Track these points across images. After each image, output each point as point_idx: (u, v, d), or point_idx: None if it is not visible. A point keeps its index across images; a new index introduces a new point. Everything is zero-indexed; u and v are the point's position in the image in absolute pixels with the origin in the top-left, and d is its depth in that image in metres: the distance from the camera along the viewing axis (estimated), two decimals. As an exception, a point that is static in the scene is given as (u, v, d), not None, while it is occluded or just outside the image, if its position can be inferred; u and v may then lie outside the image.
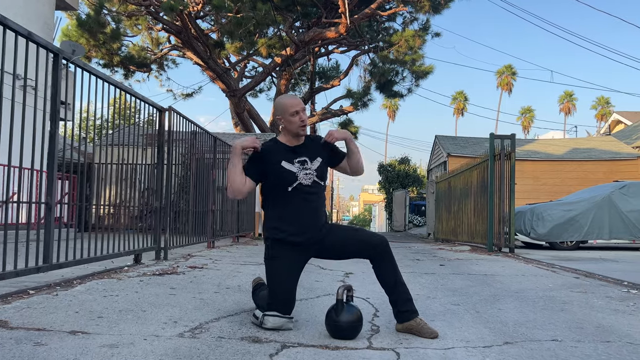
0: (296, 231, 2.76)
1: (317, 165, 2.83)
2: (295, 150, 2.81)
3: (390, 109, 60.11)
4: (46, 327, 2.54)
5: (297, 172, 2.77)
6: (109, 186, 5.17)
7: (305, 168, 2.79)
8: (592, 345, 2.54)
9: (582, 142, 18.40)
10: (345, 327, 2.59)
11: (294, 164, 2.78)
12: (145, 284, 4.00)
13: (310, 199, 2.79)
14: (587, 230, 9.51)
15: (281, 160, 2.77)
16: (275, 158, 2.78)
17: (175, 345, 2.32)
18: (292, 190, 2.75)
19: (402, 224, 22.75)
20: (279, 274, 2.77)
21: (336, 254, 2.89)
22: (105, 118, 9.30)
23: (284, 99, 2.85)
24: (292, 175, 2.76)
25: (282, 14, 14.02)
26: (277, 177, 2.75)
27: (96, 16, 12.17)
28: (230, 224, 9.37)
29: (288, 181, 2.75)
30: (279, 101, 2.83)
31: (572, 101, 57.58)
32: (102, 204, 5.08)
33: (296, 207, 2.76)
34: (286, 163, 2.76)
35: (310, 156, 2.83)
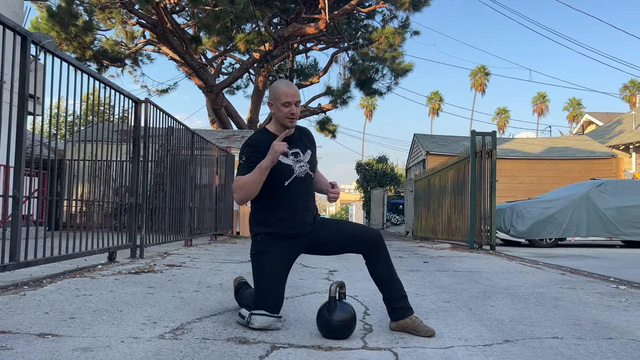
0: (290, 225, 2.62)
1: (308, 158, 2.70)
2: (288, 141, 2.62)
3: (367, 109, 60.31)
4: (12, 329, 2.32)
5: (292, 165, 2.62)
6: (81, 183, 4.91)
7: (299, 160, 2.65)
8: (594, 342, 2.44)
9: (558, 141, 18.65)
10: (338, 326, 2.44)
11: (289, 156, 2.62)
12: (120, 282, 3.78)
13: (303, 192, 2.66)
14: (566, 228, 9.57)
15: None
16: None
17: (156, 348, 2.14)
18: (289, 184, 2.61)
19: (380, 222, 22.72)
20: (267, 270, 2.60)
21: (327, 249, 2.75)
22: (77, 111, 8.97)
23: (280, 84, 2.65)
24: (289, 170, 2.61)
25: (261, 9, 13.81)
26: (275, 172, 2.56)
27: (68, 7, 11.76)
28: (208, 221, 9.13)
29: (285, 176, 2.60)
30: (274, 85, 2.64)
31: (545, 102, 58.65)
32: (73, 200, 4.82)
33: (290, 200, 2.62)
34: (283, 157, 2.59)
35: (301, 148, 2.69)
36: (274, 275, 2.59)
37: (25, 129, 3.37)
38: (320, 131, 20.33)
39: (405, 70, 13.95)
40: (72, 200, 4.79)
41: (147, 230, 5.78)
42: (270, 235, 2.61)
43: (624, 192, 9.81)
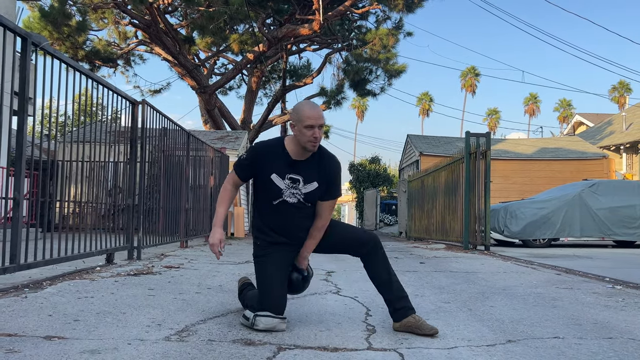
0: (282, 236, 2.69)
1: (308, 190, 2.62)
2: (294, 164, 2.59)
3: (359, 109, 60.43)
4: (18, 332, 2.32)
5: (283, 189, 2.60)
6: (74, 184, 4.89)
7: (294, 187, 2.61)
8: (595, 342, 2.48)
9: (550, 142, 18.81)
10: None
11: (285, 179, 2.59)
12: (120, 284, 3.77)
13: (297, 214, 2.65)
14: (559, 228, 9.66)
15: (272, 173, 2.59)
16: (269, 166, 2.59)
17: (163, 350, 2.15)
18: (277, 204, 2.63)
19: (373, 222, 22.78)
20: (269, 272, 2.63)
21: (325, 250, 2.82)
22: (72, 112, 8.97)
23: (304, 106, 2.55)
24: (278, 191, 2.60)
25: (255, 10, 13.80)
26: (263, 188, 2.62)
27: (61, 7, 11.69)
28: (203, 223, 9.12)
29: (273, 195, 2.61)
30: (299, 107, 2.56)
31: (537, 103, 59.10)
32: (66, 201, 4.80)
33: (283, 218, 2.65)
34: (276, 177, 2.58)
35: (306, 177, 2.61)
36: (276, 277, 2.61)
37: (25, 131, 3.36)
38: (313, 132, 20.34)
39: (399, 72, 14.01)
40: (63, 201, 4.77)
41: (144, 232, 5.76)
42: (265, 239, 2.66)
43: (616, 192, 9.92)
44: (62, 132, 14.25)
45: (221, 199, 2.70)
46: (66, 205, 4.83)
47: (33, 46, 3.56)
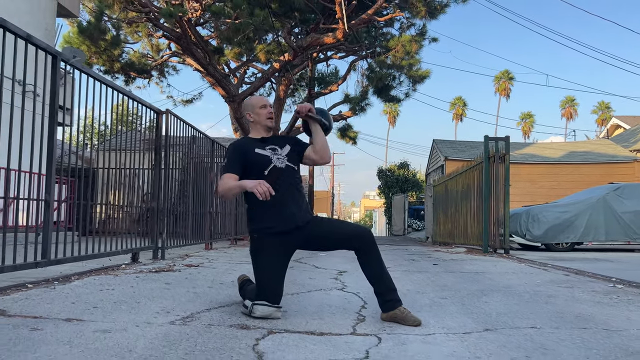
0: (282, 220, 2.85)
1: (286, 151, 3.00)
2: (265, 140, 3.03)
3: (390, 115, 60.35)
4: (43, 315, 2.64)
5: (270, 155, 2.94)
6: (110, 190, 5.27)
7: (276, 153, 2.97)
8: (568, 331, 2.63)
9: (579, 145, 18.49)
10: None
11: (265, 149, 2.96)
12: (141, 279, 4.10)
13: (288, 185, 2.91)
14: (583, 232, 9.59)
15: (254, 149, 2.96)
16: (249, 148, 2.97)
17: (166, 331, 2.42)
18: (269, 173, 2.87)
19: (401, 228, 22.79)
20: (267, 264, 2.86)
21: (322, 245, 3.00)
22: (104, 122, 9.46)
23: (251, 98, 3.15)
24: (266, 159, 2.92)
25: (281, 20, 14.17)
26: (253, 163, 2.90)
27: (97, 23, 12.32)
28: (228, 226, 9.47)
29: (263, 165, 2.90)
30: (246, 100, 3.14)
31: (574, 106, 57.78)
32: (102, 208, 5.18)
33: (279, 190, 2.82)
34: (259, 149, 2.95)
35: (279, 145, 3.03)
36: (272, 269, 2.85)
37: (55, 138, 3.73)
38: (341, 138, 20.57)
39: (422, 77, 14.12)
40: (99, 204, 5.15)
41: (169, 233, 6.12)
42: (264, 230, 2.87)
43: (642, 195, 9.78)
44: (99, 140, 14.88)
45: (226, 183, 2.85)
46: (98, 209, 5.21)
47: (63, 62, 3.92)
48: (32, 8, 10.85)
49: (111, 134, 5.78)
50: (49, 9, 11.58)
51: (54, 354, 1.98)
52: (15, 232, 3.62)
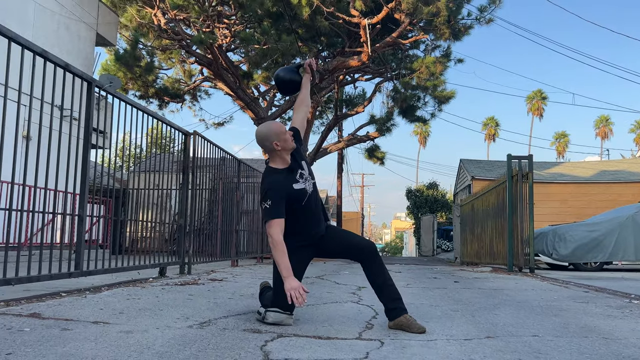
0: (306, 237, 3.06)
1: (306, 168, 3.11)
2: (292, 168, 3.03)
3: (421, 136, 60.21)
4: (73, 318, 2.87)
5: (304, 186, 3.04)
6: (142, 210, 5.58)
7: (305, 179, 3.06)
8: (568, 339, 2.70)
9: (611, 164, 18.13)
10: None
11: (299, 181, 3.03)
12: (166, 291, 4.32)
13: (315, 204, 3.09)
14: (612, 251, 9.43)
15: (292, 184, 2.99)
16: (287, 184, 2.98)
17: (183, 333, 2.62)
18: (305, 202, 3.02)
19: (430, 249, 22.62)
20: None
21: (332, 254, 3.22)
22: (135, 144, 9.85)
23: (271, 125, 3.01)
24: (303, 192, 3.03)
25: (307, 45, 14.57)
26: (293, 200, 2.97)
27: (132, 51, 12.95)
28: (254, 244, 9.69)
29: (301, 198, 3.01)
30: (268, 129, 2.99)
31: (609, 125, 56.51)
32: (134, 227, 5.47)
33: (306, 216, 3.03)
34: (296, 185, 3.00)
35: (302, 167, 3.08)
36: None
37: (89, 157, 4.03)
38: (368, 158, 20.73)
39: (447, 98, 14.23)
40: (129, 220, 5.44)
41: (195, 250, 6.37)
42: (287, 244, 3.01)
43: (674, 214, 9.57)
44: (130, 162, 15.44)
45: (280, 251, 2.82)
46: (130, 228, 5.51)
47: (97, 88, 4.25)
48: (72, 38, 11.52)
49: (141, 156, 6.13)
50: (89, 38, 12.25)
51: (80, 348, 2.19)
52: (52, 243, 3.90)
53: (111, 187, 5.51)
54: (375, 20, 12.64)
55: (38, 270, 3.53)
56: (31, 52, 3.39)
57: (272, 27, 13.01)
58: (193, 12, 13.01)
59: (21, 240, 3.37)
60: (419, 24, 13.40)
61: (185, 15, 13.51)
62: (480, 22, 12.68)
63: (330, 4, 12.55)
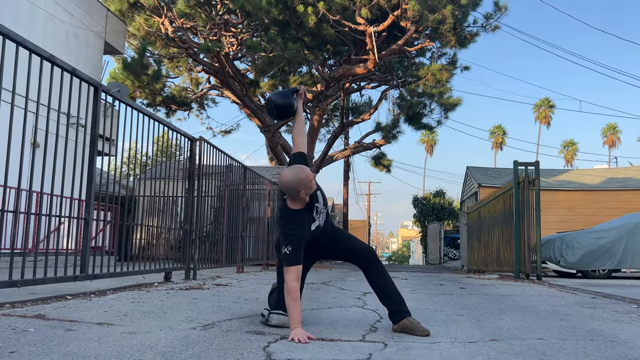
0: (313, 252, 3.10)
1: (321, 199, 3.06)
2: (310, 207, 2.98)
3: (427, 144, 60.12)
4: (77, 319, 2.88)
5: (319, 223, 3.02)
6: (148, 217, 5.60)
7: (319, 212, 3.03)
8: (573, 342, 2.68)
9: (619, 171, 18.01)
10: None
11: (315, 220, 3.01)
12: (171, 295, 4.33)
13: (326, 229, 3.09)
14: (620, 258, 9.34)
15: (310, 225, 2.97)
16: (307, 229, 2.96)
17: (185, 334, 2.62)
18: (318, 234, 3.02)
19: (437, 257, 22.50)
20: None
21: (332, 256, 3.25)
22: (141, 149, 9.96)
23: (299, 174, 2.88)
24: (318, 228, 3.03)
25: (314, 53, 14.65)
26: (309, 236, 2.97)
27: (139, 59, 13.08)
28: (260, 251, 9.69)
29: (316, 233, 3.01)
30: (297, 178, 2.88)
31: (616, 133, 56.20)
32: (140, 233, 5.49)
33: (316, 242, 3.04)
34: (313, 223, 2.99)
35: (317, 199, 3.03)
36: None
37: (95, 162, 4.06)
38: (375, 166, 20.75)
39: (454, 105, 14.23)
40: (134, 225, 5.47)
41: (201, 255, 6.38)
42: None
43: (683, 221, 9.47)
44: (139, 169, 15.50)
45: (293, 299, 2.76)
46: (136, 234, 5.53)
47: (104, 93, 4.30)
48: (81, 46, 11.65)
49: (146, 163, 6.16)
50: (97, 47, 12.39)
51: (84, 348, 2.20)
52: (57, 247, 3.93)
53: (118, 194, 5.54)
54: (381, 27, 12.70)
55: (44, 273, 3.55)
56: (39, 56, 3.44)
57: (278, 35, 13.10)
58: (200, 20, 13.12)
59: (28, 245, 3.39)
60: (425, 31, 13.45)
61: (193, 23, 13.63)
62: (486, 29, 12.71)
63: (336, 12, 12.62)
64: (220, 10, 13.38)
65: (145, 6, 13.07)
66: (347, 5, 12.58)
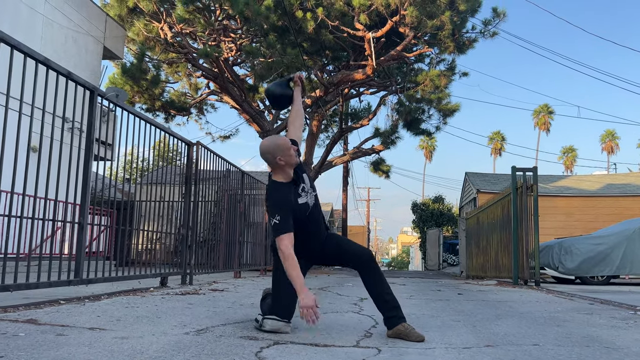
0: (309, 250, 3.08)
1: (307, 181, 3.12)
2: (296, 183, 3.03)
3: (427, 150, 60.16)
4: (69, 324, 2.86)
5: (307, 200, 3.05)
6: (147, 222, 5.58)
7: (307, 192, 3.06)
8: (569, 348, 2.66)
9: (618, 177, 18.01)
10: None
11: (302, 195, 3.03)
12: (166, 300, 4.31)
13: (316, 212, 3.09)
14: (619, 265, 9.31)
15: (297, 199, 3.00)
16: (292, 199, 2.99)
17: (178, 339, 2.60)
18: (308, 214, 3.03)
19: (436, 263, 22.46)
20: (282, 280, 3.03)
21: (330, 261, 3.21)
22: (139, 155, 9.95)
23: (276, 140, 3.02)
24: (306, 206, 3.04)
25: (312, 58, 14.66)
26: (298, 213, 2.98)
27: (138, 64, 13.07)
28: (258, 257, 9.66)
29: (304, 212, 3.02)
30: (274, 143, 2.99)
31: (615, 140, 56.28)
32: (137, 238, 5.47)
33: (308, 229, 3.04)
34: (299, 198, 3.01)
35: (302, 179, 3.07)
36: (286, 285, 3.00)
37: (90, 166, 4.05)
38: (374, 172, 20.73)
39: (452, 111, 14.24)
40: (130, 229, 5.44)
41: (197, 260, 6.35)
42: None
43: (682, 228, 9.45)
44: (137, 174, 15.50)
45: (291, 265, 2.80)
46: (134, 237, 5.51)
47: (99, 97, 4.29)
48: (80, 51, 11.66)
49: (142, 167, 6.15)
50: (96, 52, 12.40)
51: (73, 353, 2.18)
52: (51, 251, 3.91)
53: (114, 199, 5.54)
54: (380, 33, 12.71)
55: (37, 278, 3.53)
56: (34, 60, 3.43)
57: (277, 41, 13.11)
58: (199, 25, 13.14)
59: (21, 250, 3.37)
60: (424, 37, 13.46)
61: (192, 29, 13.64)
62: (485, 35, 12.72)
63: (335, 18, 12.64)
64: (220, 15, 13.40)
65: (144, 11, 13.09)
66: (345, 11, 12.60)
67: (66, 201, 3.96)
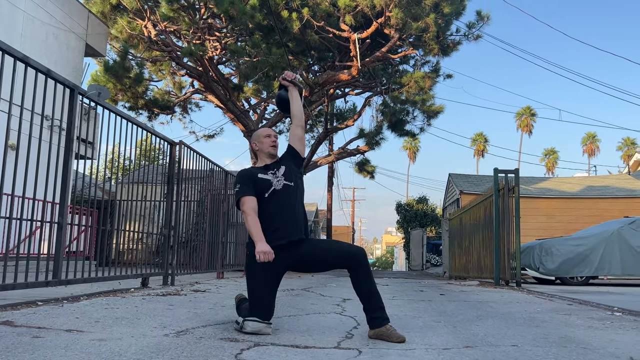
0: (279, 234, 3.04)
1: (282, 171, 3.21)
2: (266, 166, 3.24)
3: (410, 150, 60.48)
4: (46, 326, 2.82)
5: (271, 179, 3.17)
6: (128, 222, 5.52)
7: (276, 176, 3.19)
8: (546, 349, 2.69)
9: (598, 180, 18.31)
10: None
11: (267, 174, 3.19)
12: (146, 301, 4.26)
13: (287, 204, 3.12)
14: (598, 266, 9.46)
15: (257, 174, 3.18)
16: (255, 174, 3.18)
17: (158, 341, 2.57)
18: (269, 196, 3.10)
19: (419, 263, 22.59)
20: (259, 280, 3.01)
21: (315, 265, 3.13)
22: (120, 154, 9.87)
23: (258, 129, 3.40)
24: (267, 183, 3.15)
25: (298, 58, 14.65)
26: (258, 187, 3.13)
27: (121, 61, 12.93)
28: (241, 257, 9.62)
29: (265, 188, 3.12)
30: (255, 132, 3.37)
31: (596, 142, 57.17)
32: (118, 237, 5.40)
33: (275, 209, 3.09)
34: (262, 174, 3.18)
35: (278, 167, 3.24)
36: (263, 285, 3.00)
37: (70, 164, 3.99)
38: (359, 172, 20.78)
39: (436, 112, 14.34)
40: (110, 230, 5.38)
41: (180, 260, 6.30)
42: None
43: (659, 229, 9.63)
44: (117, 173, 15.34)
45: (252, 220, 3.02)
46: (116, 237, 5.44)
47: (80, 95, 4.23)
48: (62, 48, 11.50)
49: (121, 166, 6.08)
50: (78, 49, 12.24)
51: (49, 356, 2.15)
52: (28, 251, 3.84)
53: (95, 198, 5.46)
54: (365, 35, 12.75)
55: (14, 279, 3.47)
56: (12, 57, 3.37)
57: (262, 40, 13.07)
58: (184, 24, 13.05)
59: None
60: (409, 39, 13.53)
61: (176, 27, 13.54)
62: (469, 38, 12.83)
63: (321, 18, 12.64)
64: (204, 14, 13.31)
65: (128, 9, 12.95)
66: (331, 12, 12.61)
67: (44, 200, 3.90)
